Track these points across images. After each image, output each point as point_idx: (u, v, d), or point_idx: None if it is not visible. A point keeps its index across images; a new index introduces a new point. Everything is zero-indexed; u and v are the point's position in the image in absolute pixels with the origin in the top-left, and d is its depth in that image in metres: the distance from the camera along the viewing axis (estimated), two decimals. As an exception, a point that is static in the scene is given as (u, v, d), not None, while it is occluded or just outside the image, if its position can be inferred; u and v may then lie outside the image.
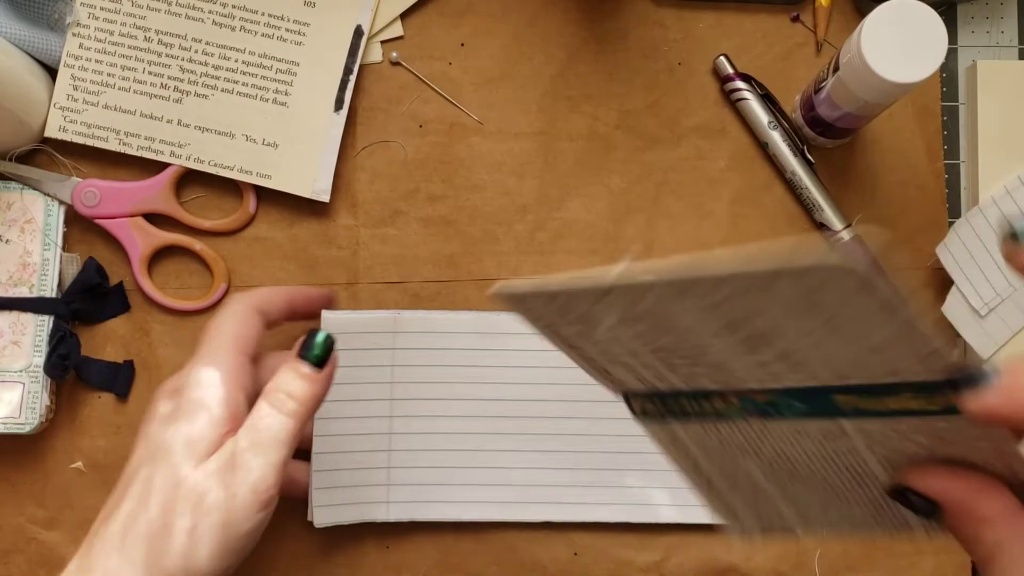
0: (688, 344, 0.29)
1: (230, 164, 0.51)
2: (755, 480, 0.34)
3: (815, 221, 0.52)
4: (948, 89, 0.53)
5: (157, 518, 0.37)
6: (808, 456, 0.31)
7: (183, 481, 0.38)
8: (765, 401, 0.30)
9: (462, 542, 0.51)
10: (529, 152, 0.52)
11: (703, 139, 0.52)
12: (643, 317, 0.28)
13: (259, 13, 0.51)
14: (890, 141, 0.52)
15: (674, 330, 0.28)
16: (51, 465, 0.51)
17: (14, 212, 0.50)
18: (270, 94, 0.51)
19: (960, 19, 0.54)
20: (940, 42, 0.42)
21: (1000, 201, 0.50)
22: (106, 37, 0.51)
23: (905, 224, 0.52)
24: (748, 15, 0.53)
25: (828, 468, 0.31)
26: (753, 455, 0.32)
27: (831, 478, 0.31)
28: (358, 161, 0.52)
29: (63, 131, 0.51)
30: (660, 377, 0.32)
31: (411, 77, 0.53)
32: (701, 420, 0.32)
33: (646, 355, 0.31)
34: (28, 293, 0.50)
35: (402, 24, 0.53)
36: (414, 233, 0.52)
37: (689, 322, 0.27)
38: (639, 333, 0.29)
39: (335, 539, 0.51)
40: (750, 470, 0.33)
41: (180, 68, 0.51)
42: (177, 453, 0.38)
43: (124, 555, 0.37)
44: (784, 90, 0.52)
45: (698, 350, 0.29)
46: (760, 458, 0.32)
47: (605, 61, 0.53)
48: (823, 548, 0.51)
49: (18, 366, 0.49)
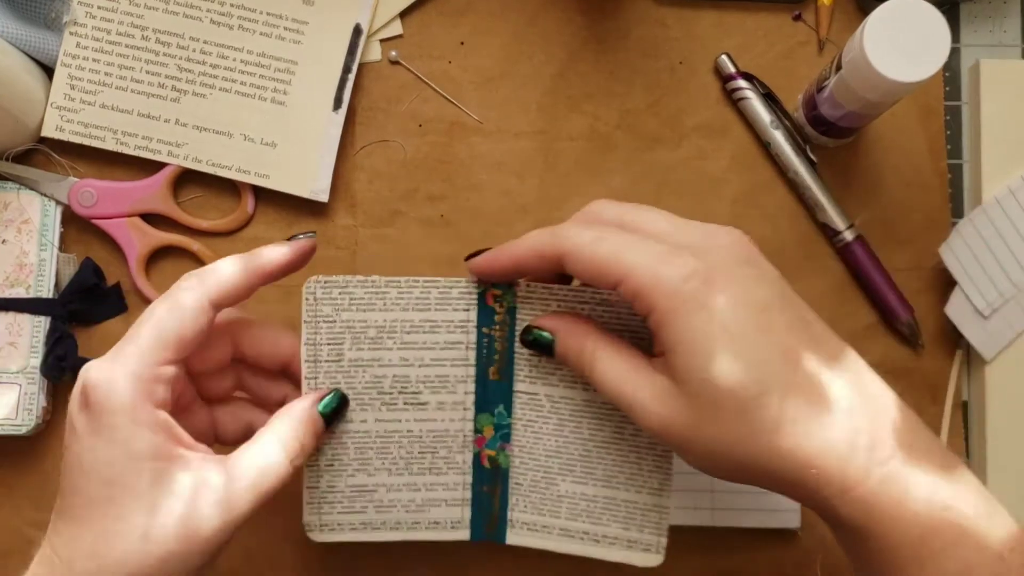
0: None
1: (228, 164, 0.51)
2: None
3: (817, 221, 0.52)
4: (951, 88, 0.53)
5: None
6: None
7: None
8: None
9: (462, 542, 0.51)
10: (529, 152, 0.52)
11: (704, 139, 0.52)
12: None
13: (257, 12, 0.51)
14: (893, 140, 0.52)
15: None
16: (48, 467, 0.51)
17: (11, 212, 0.50)
18: (268, 93, 0.51)
19: (963, 18, 0.53)
20: (943, 41, 0.41)
21: (1003, 200, 0.50)
22: (103, 36, 0.50)
23: (908, 224, 0.52)
24: (750, 14, 0.52)
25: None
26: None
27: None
28: (357, 161, 0.52)
29: (60, 131, 0.51)
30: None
31: (410, 76, 0.52)
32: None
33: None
34: (25, 294, 0.49)
35: (401, 23, 0.52)
36: (413, 233, 0.52)
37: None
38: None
39: (334, 544, 0.51)
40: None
41: (178, 67, 0.51)
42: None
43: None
44: (786, 89, 0.52)
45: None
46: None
47: (606, 60, 0.52)
48: (826, 549, 0.50)
49: (15, 367, 0.49)
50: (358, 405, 0.43)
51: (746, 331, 0.35)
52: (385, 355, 0.43)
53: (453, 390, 0.44)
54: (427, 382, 0.44)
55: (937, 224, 0.52)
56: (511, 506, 0.45)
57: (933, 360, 0.51)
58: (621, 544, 0.44)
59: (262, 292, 0.52)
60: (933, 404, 0.51)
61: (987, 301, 0.50)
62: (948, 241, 0.50)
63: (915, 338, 0.51)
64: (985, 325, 0.50)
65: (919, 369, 0.51)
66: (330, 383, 0.43)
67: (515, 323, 0.43)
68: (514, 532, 0.45)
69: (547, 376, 0.43)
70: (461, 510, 0.45)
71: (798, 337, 0.36)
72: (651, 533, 0.44)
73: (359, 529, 0.44)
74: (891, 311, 0.51)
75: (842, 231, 0.51)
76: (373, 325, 0.43)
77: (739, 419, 0.35)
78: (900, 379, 0.51)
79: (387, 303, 0.43)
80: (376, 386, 0.44)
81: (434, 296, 0.43)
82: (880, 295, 0.51)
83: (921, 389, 0.51)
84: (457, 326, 0.43)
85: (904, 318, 0.51)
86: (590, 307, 0.42)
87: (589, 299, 0.42)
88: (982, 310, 0.50)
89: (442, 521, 0.45)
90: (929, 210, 0.52)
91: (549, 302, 0.43)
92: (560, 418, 0.43)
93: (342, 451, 0.44)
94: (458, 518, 0.45)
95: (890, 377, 0.51)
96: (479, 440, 0.45)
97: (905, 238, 0.52)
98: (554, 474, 0.44)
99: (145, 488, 0.37)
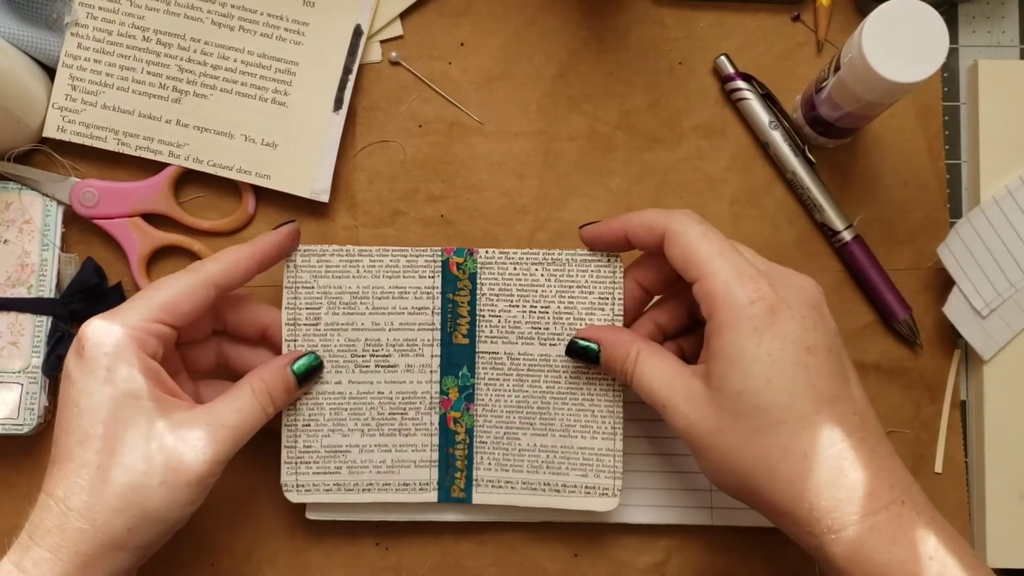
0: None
1: (229, 164, 0.51)
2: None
3: (816, 221, 0.52)
4: (949, 89, 0.53)
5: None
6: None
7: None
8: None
9: (462, 542, 0.51)
10: (529, 152, 0.52)
11: (703, 139, 0.52)
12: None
13: (258, 13, 0.51)
14: (891, 141, 0.52)
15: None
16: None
17: (12, 212, 0.50)
18: (269, 94, 0.51)
19: (961, 19, 0.53)
20: (941, 42, 0.42)
21: (1001, 201, 0.50)
22: (104, 37, 0.51)
23: (906, 224, 0.52)
24: (749, 14, 0.53)
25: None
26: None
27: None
28: (357, 161, 0.52)
29: (61, 131, 0.51)
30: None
31: (411, 77, 0.53)
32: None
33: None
34: (26, 293, 0.50)
35: (402, 23, 0.53)
36: (414, 234, 0.52)
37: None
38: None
39: (333, 539, 0.51)
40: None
41: (179, 68, 0.51)
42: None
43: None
44: (785, 90, 0.52)
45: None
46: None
47: (605, 61, 0.53)
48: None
49: (16, 367, 0.49)
50: (333, 367, 0.47)
51: (787, 364, 0.38)
52: (358, 319, 0.47)
53: (420, 353, 0.47)
54: (396, 345, 0.47)
55: (935, 224, 0.52)
56: (476, 464, 0.48)
57: (931, 359, 0.52)
58: (580, 492, 0.47)
59: (263, 292, 0.52)
60: (931, 403, 0.51)
61: (985, 301, 0.50)
62: (946, 241, 0.50)
63: (913, 337, 0.51)
64: (983, 325, 0.50)
65: (917, 368, 0.51)
66: (308, 345, 0.47)
67: (476, 288, 0.47)
68: (479, 491, 0.48)
69: (507, 335, 0.47)
70: (429, 471, 0.48)
71: (832, 385, 0.39)
72: (607, 477, 0.47)
73: (333, 490, 0.47)
74: (890, 311, 0.51)
75: (841, 231, 0.51)
76: (347, 291, 0.47)
77: (755, 437, 0.38)
78: (898, 378, 0.51)
79: (360, 270, 0.47)
80: (350, 348, 0.47)
81: (402, 264, 0.47)
82: (879, 295, 0.51)
83: (919, 388, 0.51)
84: (424, 292, 0.47)
85: (902, 317, 0.51)
86: (543, 267, 0.47)
87: (542, 260, 0.47)
88: (980, 310, 0.50)
89: (411, 483, 0.48)
90: (927, 210, 0.52)
91: (506, 265, 0.47)
92: (520, 374, 0.47)
93: (318, 411, 0.47)
94: (426, 479, 0.48)
95: (888, 376, 0.51)
96: (444, 402, 0.48)
97: (903, 238, 0.52)
98: (515, 429, 0.47)
99: (138, 424, 0.39)
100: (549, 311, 0.47)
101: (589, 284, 0.46)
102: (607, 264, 0.46)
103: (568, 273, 0.46)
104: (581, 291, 0.46)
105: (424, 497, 0.48)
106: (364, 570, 0.51)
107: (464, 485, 0.48)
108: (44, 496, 0.40)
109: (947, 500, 0.51)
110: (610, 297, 0.46)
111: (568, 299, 0.47)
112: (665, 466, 0.51)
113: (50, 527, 0.38)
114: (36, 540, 0.39)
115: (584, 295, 0.46)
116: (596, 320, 0.46)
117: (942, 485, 0.51)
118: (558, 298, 0.47)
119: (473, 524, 0.50)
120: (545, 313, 0.47)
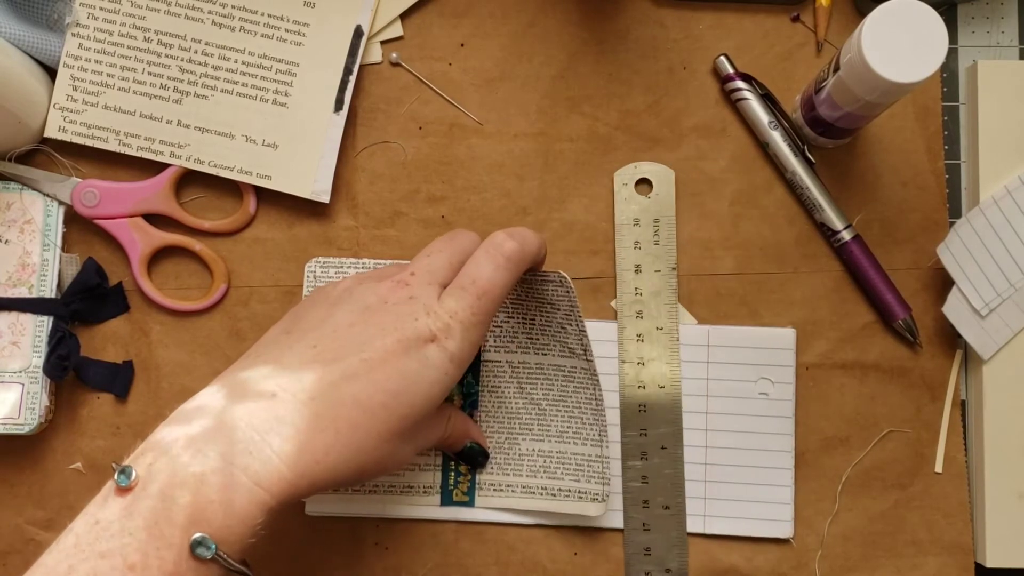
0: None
1: (230, 165, 0.51)
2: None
3: (815, 221, 0.52)
4: (949, 89, 0.53)
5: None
6: None
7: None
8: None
9: (462, 542, 0.51)
10: (529, 153, 0.52)
11: (703, 139, 0.52)
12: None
13: (259, 13, 0.51)
14: (891, 141, 0.52)
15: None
16: (50, 466, 0.51)
17: (13, 212, 0.50)
18: (270, 95, 0.51)
19: (960, 19, 0.54)
20: (940, 42, 0.42)
21: (1001, 201, 0.50)
22: (105, 37, 0.51)
23: (906, 224, 0.52)
24: (748, 15, 0.53)
25: None
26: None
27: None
28: (358, 162, 0.52)
29: (62, 131, 0.51)
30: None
31: (411, 78, 0.53)
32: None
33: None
34: (27, 293, 0.50)
35: (402, 24, 0.53)
36: (414, 234, 0.52)
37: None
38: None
39: (332, 539, 0.51)
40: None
41: (180, 68, 0.51)
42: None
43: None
44: (784, 90, 0.52)
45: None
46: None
47: (605, 61, 0.53)
48: (824, 550, 0.51)
49: (17, 367, 0.49)
50: None
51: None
52: None
53: None
54: None
55: (935, 224, 0.52)
56: (479, 469, 0.50)
57: (931, 359, 0.52)
58: (573, 496, 0.49)
59: (264, 292, 0.52)
60: (932, 402, 0.51)
61: (984, 301, 0.50)
62: (946, 241, 0.50)
63: (913, 337, 0.51)
64: (982, 324, 0.50)
65: (917, 368, 0.52)
66: None
67: None
68: (482, 495, 0.50)
69: (507, 344, 0.49)
70: (433, 475, 0.50)
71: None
72: (596, 483, 0.49)
73: (342, 494, 0.50)
74: (889, 310, 0.51)
75: (840, 231, 0.51)
76: None
77: None
78: (899, 378, 0.51)
79: None
80: None
81: None
82: (878, 294, 0.51)
83: (920, 388, 0.51)
84: None
85: (902, 317, 0.51)
86: (521, 286, 0.48)
87: (521, 279, 0.46)
88: (979, 310, 0.50)
89: (415, 485, 0.50)
90: (927, 210, 0.52)
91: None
92: (520, 382, 0.49)
93: None
94: (430, 483, 0.50)
95: (889, 376, 0.52)
96: None
97: (903, 238, 0.52)
98: (516, 434, 0.49)
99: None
100: (536, 323, 0.49)
101: (555, 300, 0.47)
102: (555, 280, 0.47)
103: (537, 292, 0.48)
104: (552, 307, 0.48)
105: (427, 501, 0.50)
106: (364, 570, 0.51)
107: (467, 488, 0.50)
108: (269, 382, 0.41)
109: (947, 500, 0.51)
110: (572, 313, 0.47)
111: (545, 314, 0.48)
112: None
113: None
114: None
115: (554, 311, 0.48)
116: (570, 332, 0.48)
117: (942, 485, 0.51)
118: (539, 312, 0.48)
119: (473, 524, 0.50)
120: (533, 324, 0.49)
